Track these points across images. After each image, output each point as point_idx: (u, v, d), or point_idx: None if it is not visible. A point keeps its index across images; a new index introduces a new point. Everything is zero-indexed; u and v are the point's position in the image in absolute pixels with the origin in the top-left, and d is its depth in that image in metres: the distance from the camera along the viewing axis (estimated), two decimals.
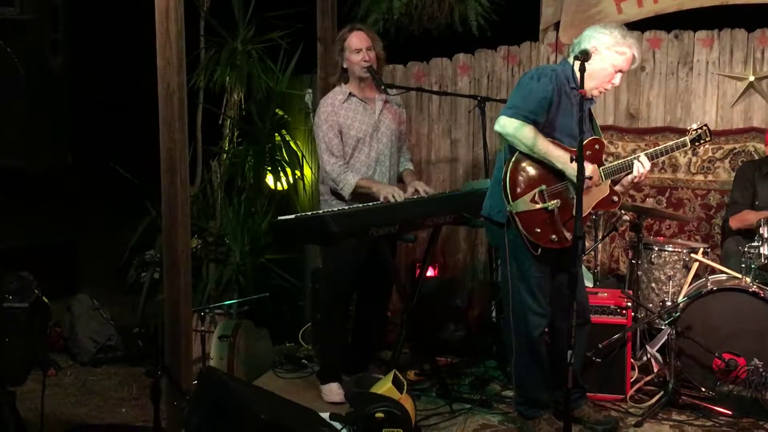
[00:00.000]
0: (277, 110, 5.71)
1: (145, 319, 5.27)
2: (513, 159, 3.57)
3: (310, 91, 5.58)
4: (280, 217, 3.99)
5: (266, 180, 5.71)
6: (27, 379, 3.98)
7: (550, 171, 3.57)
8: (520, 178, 3.56)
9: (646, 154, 3.71)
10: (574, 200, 3.37)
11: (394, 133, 4.36)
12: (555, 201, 3.53)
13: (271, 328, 5.05)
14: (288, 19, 5.52)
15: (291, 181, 5.69)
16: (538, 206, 3.54)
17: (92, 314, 5.36)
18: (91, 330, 5.28)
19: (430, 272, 5.36)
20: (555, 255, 3.63)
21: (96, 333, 5.28)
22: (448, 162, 5.73)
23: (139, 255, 5.54)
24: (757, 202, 4.78)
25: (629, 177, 3.72)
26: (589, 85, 3.57)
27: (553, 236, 3.56)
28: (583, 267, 4.81)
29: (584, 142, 3.46)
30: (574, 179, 3.35)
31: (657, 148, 3.77)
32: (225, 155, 5.60)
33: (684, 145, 3.75)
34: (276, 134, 5.69)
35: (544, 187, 3.55)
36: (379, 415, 3.58)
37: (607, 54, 3.61)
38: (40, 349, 4.13)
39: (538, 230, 3.54)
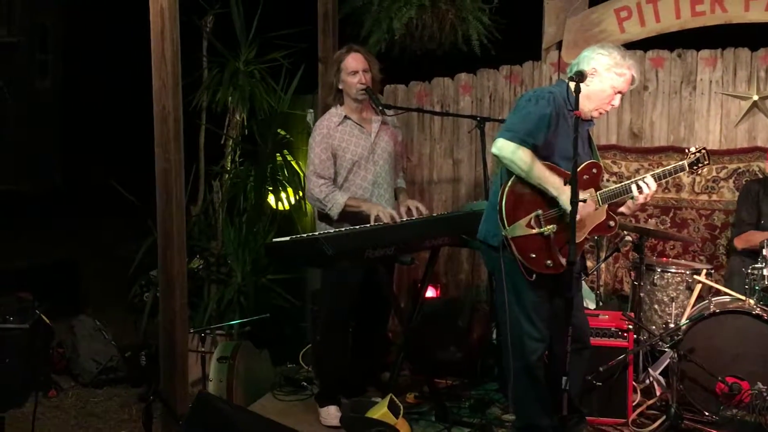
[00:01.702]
0: (279, 130, 5.71)
1: (147, 340, 5.26)
2: (509, 183, 3.52)
3: (311, 111, 5.57)
4: (275, 239, 3.96)
5: (268, 200, 5.70)
6: (27, 400, 3.98)
7: (546, 196, 3.51)
8: (517, 202, 3.51)
9: (652, 175, 3.65)
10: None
11: (392, 155, 4.33)
12: (551, 226, 3.48)
13: (272, 349, 5.04)
14: (290, 39, 5.54)
15: (292, 201, 5.68)
16: (534, 231, 3.49)
17: (94, 335, 5.37)
18: (93, 351, 5.29)
19: (431, 293, 5.32)
20: (552, 279, 3.57)
21: (98, 354, 5.29)
22: (450, 182, 5.70)
23: (144, 275, 5.53)
24: (762, 221, 4.73)
25: (636, 199, 3.64)
26: (588, 106, 3.54)
27: (549, 261, 3.50)
28: (586, 287, 4.77)
29: (581, 166, 3.44)
30: (567, 208, 3.30)
31: (655, 171, 3.70)
32: (227, 175, 5.60)
33: (682, 169, 3.67)
34: (278, 154, 5.69)
35: (540, 212, 3.50)
36: None
37: (606, 75, 3.56)
38: (41, 371, 4.13)
39: (533, 255, 3.49)
